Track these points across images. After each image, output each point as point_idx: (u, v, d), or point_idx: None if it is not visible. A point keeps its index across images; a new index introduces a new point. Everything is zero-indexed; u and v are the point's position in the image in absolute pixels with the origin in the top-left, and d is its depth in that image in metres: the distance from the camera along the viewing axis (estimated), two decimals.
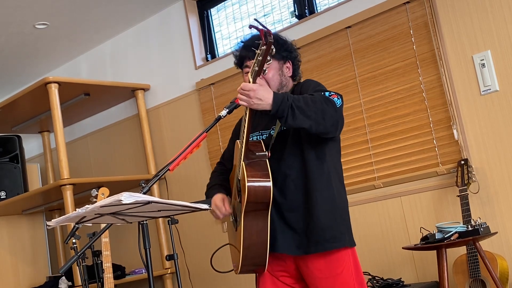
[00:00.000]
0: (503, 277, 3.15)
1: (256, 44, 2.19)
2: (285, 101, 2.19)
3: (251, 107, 2.24)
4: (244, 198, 2.28)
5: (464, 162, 3.35)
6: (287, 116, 2.19)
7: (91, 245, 3.42)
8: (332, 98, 2.26)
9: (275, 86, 2.45)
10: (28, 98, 4.72)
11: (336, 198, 2.37)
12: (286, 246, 2.36)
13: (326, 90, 2.34)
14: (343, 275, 2.33)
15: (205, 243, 4.73)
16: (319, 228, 2.31)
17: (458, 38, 3.49)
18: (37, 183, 5.75)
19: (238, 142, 2.43)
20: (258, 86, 2.19)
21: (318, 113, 2.21)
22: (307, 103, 2.20)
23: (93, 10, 4.71)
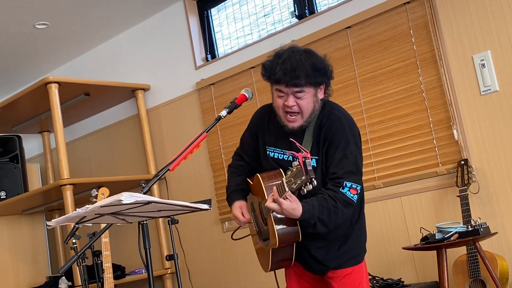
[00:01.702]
0: (503, 277, 3.15)
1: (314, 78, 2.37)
2: (311, 220, 2.30)
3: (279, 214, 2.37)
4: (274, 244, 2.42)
5: (464, 162, 3.35)
6: (307, 227, 2.35)
7: (91, 245, 3.41)
8: (351, 198, 2.36)
9: (308, 113, 2.43)
10: (28, 98, 4.72)
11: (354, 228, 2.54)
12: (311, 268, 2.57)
13: (351, 175, 2.37)
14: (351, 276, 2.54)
15: (205, 243, 4.73)
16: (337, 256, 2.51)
17: (458, 38, 3.49)
18: (37, 183, 5.75)
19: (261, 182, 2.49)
20: (288, 204, 2.25)
21: (338, 221, 2.37)
22: (329, 216, 2.32)
23: (93, 10, 4.71)
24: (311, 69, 2.37)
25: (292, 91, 2.39)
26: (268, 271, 2.63)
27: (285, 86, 2.39)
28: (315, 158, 2.44)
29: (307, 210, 2.29)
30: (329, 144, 2.41)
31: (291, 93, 2.39)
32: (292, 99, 2.40)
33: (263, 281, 4.39)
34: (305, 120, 2.44)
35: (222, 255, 4.65)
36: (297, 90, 2.38)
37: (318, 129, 2.46)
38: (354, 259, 2.55)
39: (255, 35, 4.59)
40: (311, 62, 2.39)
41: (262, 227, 2.58)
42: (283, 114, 2.45)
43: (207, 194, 4.66)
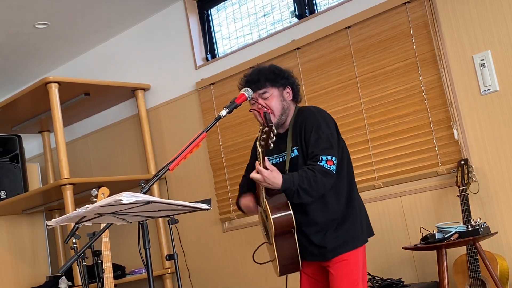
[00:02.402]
0: (503, 277, 3.15)
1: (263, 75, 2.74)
2: (292, 186, 2.54)
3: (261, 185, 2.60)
4: (272, 231, 2.63)
5: (464, 162, 3.35)
6: (292, 197, 2.57)
7: (91, 244, 3.42)
8: (329, 168, 2.60)
9: (278, 111, 2.75)
10: (28, 98, 4.73)
11: (348, 210, 2.73)
12: (311, 255, 2.73)
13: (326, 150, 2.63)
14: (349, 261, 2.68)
15: (205, 243, 4.73)
16: (333, 238, 2.69)
17: (458, 38, 3.49)
18: (37, 183, 5.75)
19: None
20: (268, 173, 2.51)
21: (319, 189, 2.59)
22: (310, 184, 2.55)
23: (93, 10, 4.71)
24: (270, 72, 2.77)
25: (259, 94, 2.75)
26: (280, 274, 2.75)
27: (253, 92, 2.74)
28: (296, 148, 2.72)
29: (287, 179, 2.54)
30: (304, 132, 2.69)
31: (258, 96, 2.75)
32: (261, 101, 2.74)
33: (263, 281, 4.39)
34: (278, 118, 2.75)
35: (222, 255, 4.65)
36: (262, 92, 2.74)
37: (294, 125, 2.77)
38: (350, 244, 2.69)
39: (255, 35, 4.59)
40: (270, 68, 2.80)
41: (268, 227, 2.76)
42: (260, 119, 2.72)
43: (207, 194, 4.66)
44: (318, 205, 2.67)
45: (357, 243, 2.71)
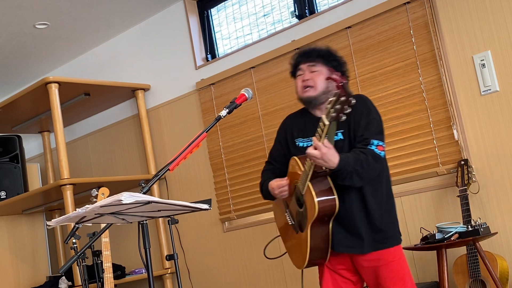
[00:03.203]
0: (503, 277, 3.15)
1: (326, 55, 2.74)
2: (347, 167, 2.47)
3: (316, 163, 2.48)
4: (313, 215, 2.53)
5: (464, 162, 3.35)
6: (344, 178, 2.50)
7: (91, 245, 3.42)
8: (379, 153, 2.57)
9: (321, 89, 2.71)
10: (28, 98, 4.73)
11: (388, 203, 2.70)
12: (345, 246, 2.63)
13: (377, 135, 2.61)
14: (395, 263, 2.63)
15: (205, 243, 4.73)
16: (372, 231, 2.62)
17: (458, 38, 3.49)
18: (37, 183, 5.75)
19: (297, 160, 2.66)
20: (327, 150, 2.42)
21: (370, 173, 2.55)
22: (363, 166, 2.50)
23: (93, 10, 4.71)
24: (325, 51, 2.77)
25: (307, 65, 2.74)
26: (305, 265, 2.67)
27: (303, 63, 2.76)
28: (341, 132, 2.65)
29: (344, 159, 2.47)
30: (354, 115, 2.60)
31: (306, 68, 2.74)
32: (308, 74, 2.73)
33: (263, 281, 4.39)
34: (317, 96, 2.70)
35: (222, 255, 4.65)
36: (311, 64, 2.73)
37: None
38: (391, 241, 2.65)
39: (255, 35, 4.59)
40: (326, 48, 2.81)
41: (297, 215, 2.69)
42: (300, 91, 2.75)
43: (207, 194, 4.66)
44: (360, 194, 2.61)
45: (396, 241, 2.68)
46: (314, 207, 2.51)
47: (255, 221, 4.45)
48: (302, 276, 2.93)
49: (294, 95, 4.13)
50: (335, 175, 2.51)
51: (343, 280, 2.72)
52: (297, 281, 4.19)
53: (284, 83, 4.22)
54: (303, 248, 2.65)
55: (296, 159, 2.67)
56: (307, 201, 2.57)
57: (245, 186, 4.45)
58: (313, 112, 2.78)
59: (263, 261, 4.36)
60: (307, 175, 2.53)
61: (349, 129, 2.64)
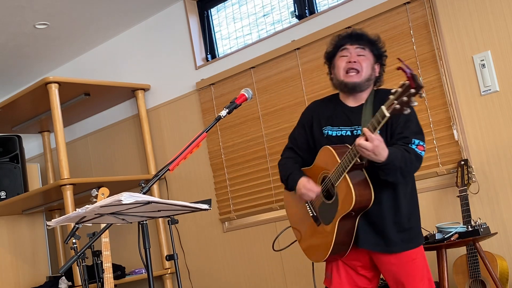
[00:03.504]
0: (503, 278, 3.15)
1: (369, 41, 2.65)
2: (395, 162, 2.41)
3: (363, 156, 2.40)
4: (347, 208, 2.48)
5: (464, 162, 3.35)
6: (388, 174, 2.44)
7: (91, 245, 3.42)
8: (420, 153, 2.52)
9: (366, 75, 2.64)
10: (28, 98, 4.72)
11: (414, 202, 2.66)
12: (370, 243, 2.59)
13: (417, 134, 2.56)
14: (418, 260, 2.61)
15: (205, 243, 4.73)
16: (399, 231, 2.58)
17: (458, 38, 3.49)
18: (37, 183, 5.74)
19: (332, 150, 2.56)
20: (379, 143, 2.36)
21: (410, 172, 2.54)
22: (406, 164, 2.46)
23: (93, 10, 4.71)
24: (375, 41, 2.69)
25: (355, 48, 2.64)
26: (325, 258, 2.62)
27: (350, 45, 2.65)
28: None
29: (392, 153, 2.40)
30: None
31: (354, 51, 2.64)
32: (355, 56, 2.63)
33: (263, 281, 4.39)
34: (361, 81, 2.62)
35: (222, 255, 4.65)
36: (360, 47, 2.64)
37: (378, 101, 2.56)
38: (415, 241, 2.62)
39: (255, 35, 4.59)
40: (375, 36, 2.71)
41: (322, 207, 2.63)
42: (343, 73, 2.64)
43: (207, 194, 4.66)
44: (391, 193, 2.56)
45: (420, 241, 2.66)
46: (351, 200, 2.45)
47: (255, 221, 4.45)
48: (313, 268, 2.88)
49: (294, 95, 4.17)
50: (380, 169, 2.44)
51: (358, 276, 2.68)
52: (297, 281, 4.19)
53: (284, 83, 4.22)
54: (326, 241, 2.59)
55: (331, 149, 2.57)
56: (341, 193, 2.51)
57: (245, 186, 4.45)
58: (345, 100, 2.70)
59: (263, 261, 4.36)
60: (345, 167, 2.46)
61: (386, 125, 2.47)
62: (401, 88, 2.19)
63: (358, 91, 2.65)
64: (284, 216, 2.99)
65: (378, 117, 2.30)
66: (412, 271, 2.59)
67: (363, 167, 2.48)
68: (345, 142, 2.57)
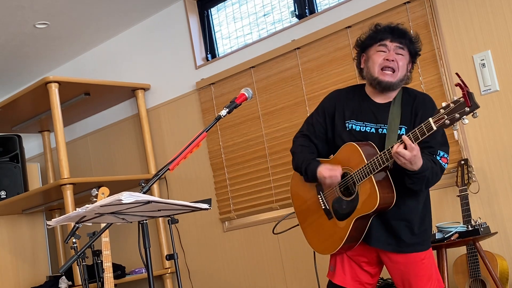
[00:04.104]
0: (503, 277, 3.15)
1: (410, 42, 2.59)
2: (426, 173, 2.41)
3: (398, 163, 2.38)
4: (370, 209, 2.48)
5: (464, 162, 3.35)
6: (416, 182, 2.44)
7: (91, 244, 3.42)
8: (444, 166, 2.52)
9: (402, 75, 2.58)
10: (28, 98, 4.73)
11: (427, 206, 2.65)
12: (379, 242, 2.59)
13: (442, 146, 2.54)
14: (426, 261, 2.60)
15: (205, 243, 4.73)
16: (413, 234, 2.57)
17: (458, 38, 3.49)
18: (37, 182, 5.74)
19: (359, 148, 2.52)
20: (417, 152, 2.34)
21: (433, 183, 2.52)
22: (432, 175, 2.46)
23: (93, 9, 4.71)
24: (414, 38, 2.62)
25: (395, 46, 2.57)
26: (335, 252, 2.62)
27: (390, 41, 2.57)
28: (405, 128, 2.54)
29: (425, 164, 2.39)
30: (421, 115, 2.51)
31: (393, 49, 2.57)
32: (393, 54, 2.56)
33: (263, 281, 4.39)
34: (397, 80, 2.57)
35: (222, 255, 4.65)
36: (400, 46, 2.57)
37: (406, 102, 2.57)
38: (426, 243, 2.62)
39: (255, 35, 4.59)
40: (416, 34, 2.65)
41: (337, 202, 2.61)
42: (378, 70, 2.57)
43: (207, 193, 4.66)
44: (410, 196, 2.55)
45: (430, 243, 2.67)
46: (375, 202, 2.45)
47: (255, 221, 4.45)
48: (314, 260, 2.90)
49: (294, 95, 4.17)
50: (408, 177, 2.43)
51: (362, 272, 2.68)
52: (297, 281, 4.19)
53: (284, 83, 4.22)
54: (338, 236, 2.59)
55: (358, 148, 2.52)
56: (363, 193, 2.50)
57: (245, 186, 4.45)
58: (372, 95, 2.65)
59: (263, 261, 4.36)
60: (373, 169, 2.44)
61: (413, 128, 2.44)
62: (454, 104, 2.16)
63: (391, 90, 2.60)
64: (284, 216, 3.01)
65: (423, 128, 2.27)
66: (420, 271, 2.59)
67: (388, 169, 2.48)
68: (368, 139, 2.55)
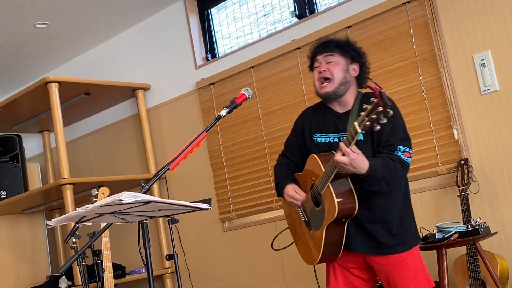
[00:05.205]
0: (503, 277, 3.15)
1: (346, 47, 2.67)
2: (377, 173, 2.44)
3: (343, 169, 2.43)
4: (332, 216, 2.51)
5: (464, 162, 3.35)
6: (372, 184, 2.46)
7: (91, 244, 3.42)
8: (406, 160, 2.53)
9: (338, 80, 2.66)
10: (28, 98, 4.73)
11: (406, 206, 2.66)
12: (360, 246, 2.63)
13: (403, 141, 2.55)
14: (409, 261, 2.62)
15: (205, 243, 4.73)
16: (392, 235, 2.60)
17: (458, 38, 3.49)
18: (37, 182, 5.74)
19: (317, 159, 2.60)
20: (356, 156, 2.37)
21: (397, 180, 2.54)
22: (390, 173, 2.48)
23: (93, 9, 4.71)
24: (344, 42, 2.72)
25: (324, 57, 2.69)
26: (317, 262, 2.67)
27: (320, 55, 2.70)
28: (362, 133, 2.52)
29: (373, 165, 2.42)
30: None
31: (323, 59, 2.69)
32: (324, 65, 2.67)
33: (263, 281, 4.39)
34: (335, 88, 2.65)
35: (222, 255, 4.65)
36: (328, 54, 2.68)
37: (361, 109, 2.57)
38: (407, 244, 2.62)
39: (255, 35, 4.59)
40: (345, 38, 2.76)
41: (312, 213, 2.67)
42: (318, 85, 2.69)
43: (207, 193, 4.66)
44: (382, 198, 2.57)
45: (413, 243, 2.66)
46: (334, 209, 2.49)
47: (255, 221, 4.45)
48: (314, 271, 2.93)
49: (294, 94, 4.17)
50: (363, 180, 2.47)
51: (354, 277, 2.71)
52: (297, 281, 4.19)
53: (284, 83, 4.22)
54: (317, 246, 2.63)
55: (316, 158, 2.61)
56: (326, 202, 2.55)
57: (245, 186, 4.45)
58: (333, 106, 2.72)
59: (263, 261, 4.36)
60: (328, 176, 2.49)
61: (372, 133, 2.55)
62: (370, 106, 2.20)
63: (336, 98, 2.68)
64: (284, 216, 3.03)
65: (351, 132, 2.33)
66: (403, 272, 2.60)
67: (348, 176, 2.51)
68: (334, 149, 2.58)
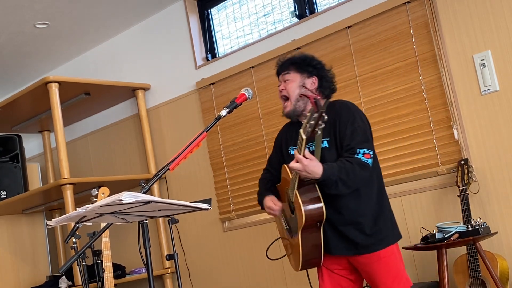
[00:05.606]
0: (503, 277, 3.15)
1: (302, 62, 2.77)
2: (332, 176, 2.50)
3: (300, 176, 2.51)
4: (301, 223, 2.58)
5: (464, 162, 3.35)
6: (330, 187, 2.53)
7: (91, 244, 3.42)
8: (366, 161, 2.58)
9: (293, 97, 2.76)
10: (28, 98, 4.73)
11: (380, 205, 2.70)
12: (339, 249, 2.69)
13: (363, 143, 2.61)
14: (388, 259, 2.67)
15: (205, 243, 4.73)
16: (366, 235, 2.64)
17: (458, 38, 3.49)
18: (37, 182, 5.75)
19: (286, 168, 2.69)
20: (308, 161, 2.45)
21: (356, 181, 2.57)
22: (348, 175, 2.52)
23: (94, 9, 4.71)
24: (298, 58, 2.80)
25: (282, 76, 2.81)
26: (300, 269, 2.73)
27: (279, 75, 2.83)
28: (327, 140, 2.66)
29: (327, 169, 2.49)
30: (339, 124, 2.65)
31: (281, 78, 2.81)
32: (282, 84, 2.79)
33: (263, 281, 4.39)
34: (293, 106, 2.76)
35: (222, 255, 4.65)
36: (284, 73, 2.79)
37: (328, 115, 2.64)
38: (385, 241, 2.67)
39: (255, 35, 4.59)
40: (302, 54, 2.84)
41: (290, 220, 2.74)
42: (282, 103, 2.82)
43: (207, 193, 4.66)
44: (351, 200, 2.63)
45: (391, 240, 2.70)
46: (302, 216, 2.56)
47: (255, 221, 4.45)
48: (307, 274, 2.97)
49: None
50: (321, 185, 2.55)
51: (342, 279, 2.76)
52: (297, 281, 4.19)
53: None
54: (297, 252, 2.70)
55: (286, 167, 2.71)
56: (296, 209, 2.63)
57: (245, 186, 4.45)
58: (301, 120, 2.75)
59: (263, 261, 4.36)
60: (294, 184, 2.57)
61: (335, 138, 2.65)
62: (309, 113, 2.32)
63: (298, 115, 2.78)
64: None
65: (299, 139, 2.40)
66: (382, 268, 2.65)
67: (315, 183, 2.58)
68: None
